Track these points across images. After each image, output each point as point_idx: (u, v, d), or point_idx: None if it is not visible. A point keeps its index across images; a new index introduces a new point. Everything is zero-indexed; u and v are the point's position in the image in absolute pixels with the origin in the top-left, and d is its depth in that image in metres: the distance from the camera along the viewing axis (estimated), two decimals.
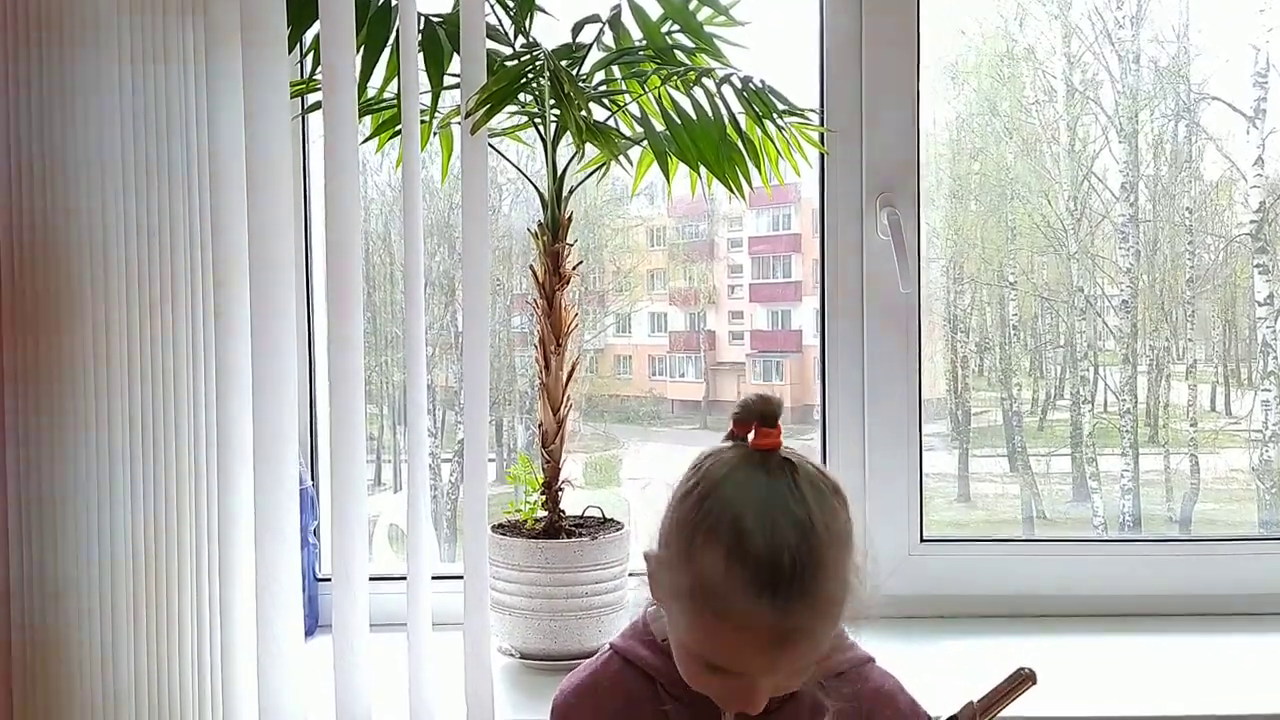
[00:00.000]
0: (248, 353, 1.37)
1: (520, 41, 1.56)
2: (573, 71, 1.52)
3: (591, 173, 1.60)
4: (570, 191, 1.59)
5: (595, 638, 1.53)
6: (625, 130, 1.60)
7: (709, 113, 1.48)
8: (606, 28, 1.55)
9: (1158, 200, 2.00)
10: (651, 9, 1.54)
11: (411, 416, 1.40)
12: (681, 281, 2.10)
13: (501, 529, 1.59)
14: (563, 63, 1.46)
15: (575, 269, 1.59)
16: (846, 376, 1.77)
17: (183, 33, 1.32)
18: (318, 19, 1.38)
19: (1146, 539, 1.92)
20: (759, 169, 1.54)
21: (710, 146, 1.49)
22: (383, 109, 1.57)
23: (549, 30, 1.58)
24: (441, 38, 1.50)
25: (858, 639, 1.09)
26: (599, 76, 1.58)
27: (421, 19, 1.49)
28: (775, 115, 1.51)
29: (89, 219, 1.28)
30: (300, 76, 1.63)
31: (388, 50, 1.48)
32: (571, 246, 1.58)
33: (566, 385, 1.59)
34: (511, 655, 1.58)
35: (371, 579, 1.41)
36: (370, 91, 1.53)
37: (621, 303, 2.11)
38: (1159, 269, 1.99)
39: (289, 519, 1.38)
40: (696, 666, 0.98)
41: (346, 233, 1.38)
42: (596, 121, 1.54)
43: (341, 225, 1.38)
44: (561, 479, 1.59)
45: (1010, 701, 1.06)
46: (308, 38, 1.52)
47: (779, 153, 1.55)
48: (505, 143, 1.65)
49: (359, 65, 1.44)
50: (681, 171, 1.53)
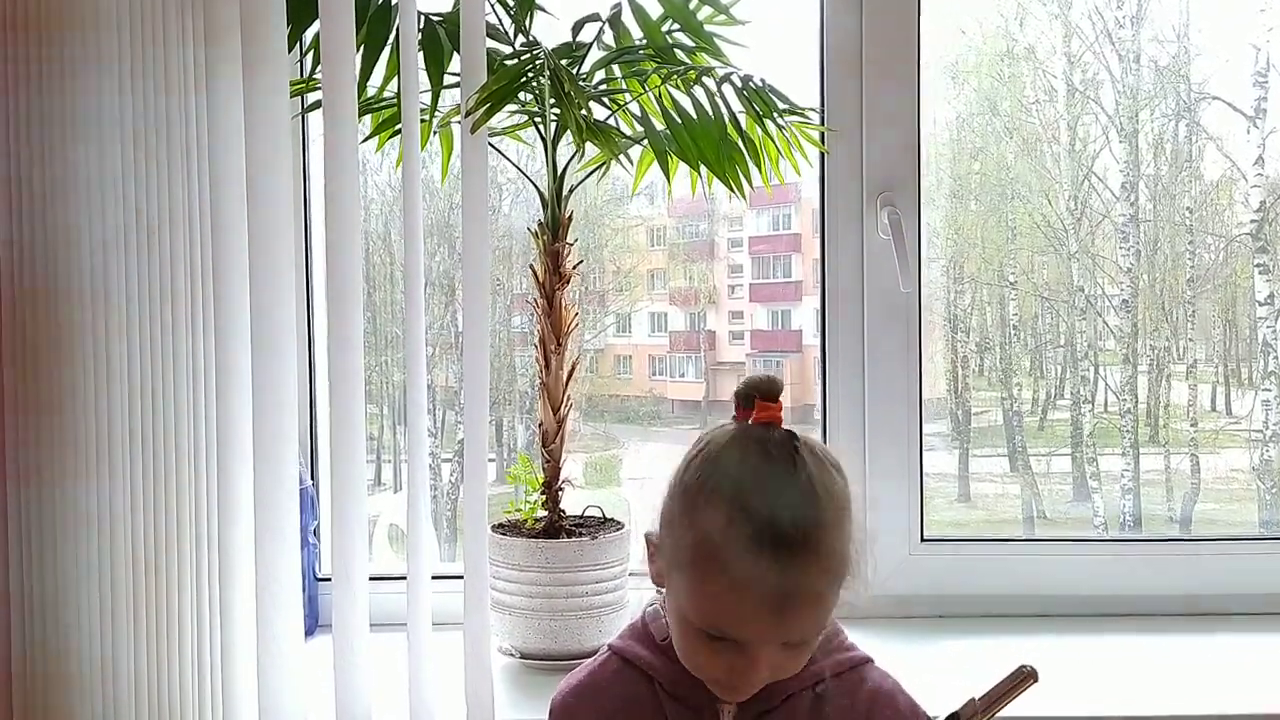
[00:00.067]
0: (248, 353, 1.36)
1: (520, 40, 1.55)
2: (573, 70, 1.52)
3: (591, 172, 1.60)
4: (570, 191, 1.59)
5: (595, 638, 1.53)
6: (625, 129, 1.60)
7: (709, 112, 1.48)
8: (606, 27, 1.55)
9: (1158, 200, 1.99)
10: (652, 8, 1.54)
11: (411, 416, 1.40)
12: (681, 281, 2.10)
13: (501, 529, 1.59)
14: (563, 62, 1.46)
15: (575, 269, 1.59)
16: (846, 376, 1.77)
17: (182, 32, 1.32)
18: (317, 18, 1.38)
19: (1147, 539, 1.92)
20: (759, 168, 1.54)
21: (710, 146, 1.49)
22: (383, 108, 1.57)
23: (549, 29, 1.58)
24: (441, 36, 1.50)
25: (857, 639, 1.09)
26: (599, 75, 1.58)
27: (421, 18, 1.49)
28: (776, 114, 1.51)
29: (89, 218, 1.28)
30: (300, 76, 1.63)
31: (388, 49, 1.48)
32: (571, 246, 1.58)
33: (566, 385, 1.59)
34: (511, 655, 1.58)
35: (371, 579, 1.41)
36: (370, 91, 1.53)
37: (621, 302, 2.11)
38: (1159, 269, 1.99)
39: (289, 519, 1.38)
40: (697, 642, 0.97)
41: (346, 233, 1.38)
42: (597, 120, 1.54)
43: (341, 225, 1.37)
44: (562, 479, 1.59)
45: (1012, 699, 1.06)
46: (308, 37, 1.52)
47: (779, 152, 1.56)
48: (505, 142, 1.65)
49: (359, 64, 1.44)
50: (682, 171, 1.53)
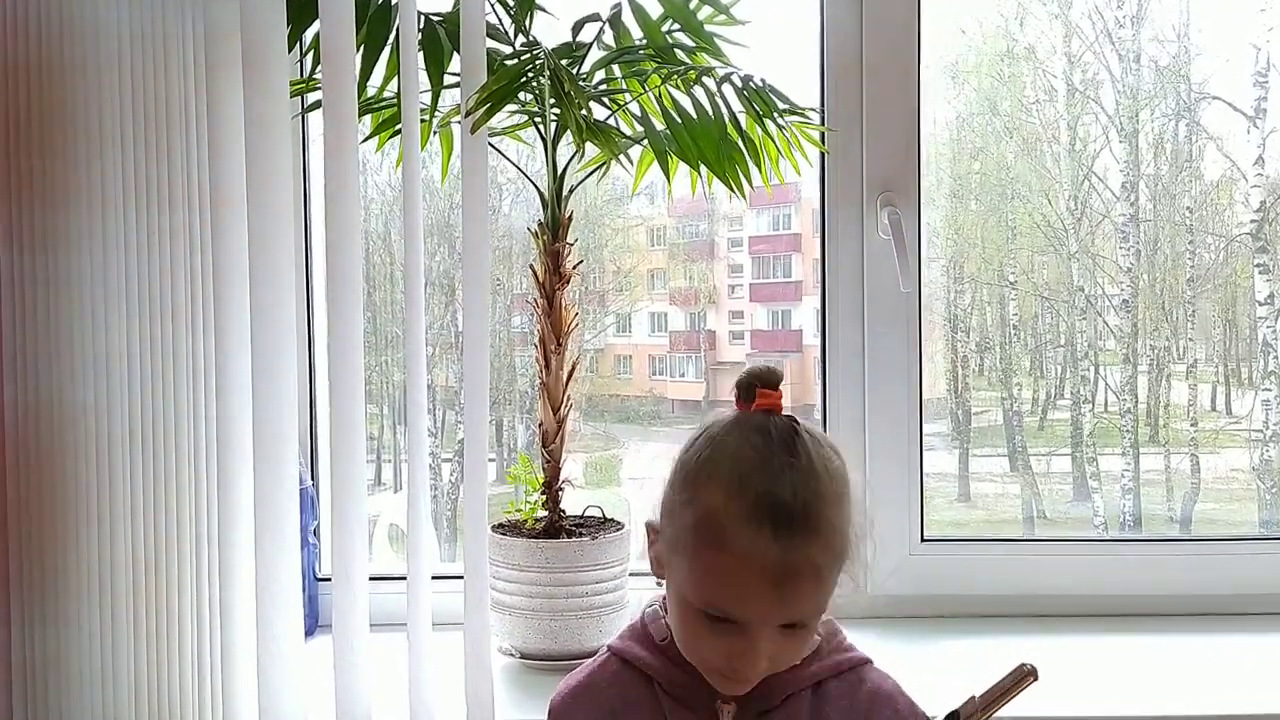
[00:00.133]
0: (248, 352, 1.36)
1: (520, 40, 1.55)
2: (573, 70, 1.52)
3: (591, 172, 1.60)
4: (570, 191, 1.59)
5: (595, 638, 1.53)
6: (625, 129, 1.60)
7: (709, 112, 1.48)
8: (607, 27, 1.55)
9: (1158, 200, 1.99)
10: (652, 8, 1.54)
11: (411, 416, 1.40)
12: (682, 281, 2.10)
13: (501, 529, 1.59)
14: (563, 62, 1.45)
15: (575, 268, 1.59)
16: (846, 376, 1.77)
17: (182, 32, 1.32)
18: (318, 18, 1.38)
19: (1147, 539, 1.92)
20: (759, 168, 1.54)
21: (710, 145, 1.49)
22: (383, 108, 1.57)
23: (549, 29, 1.58)
24: (441, 36, 1.50)
25: (857, 640, 1.09)
26: (599, 75, 1.58)
27: (421, 18, 1.49)
28: (776, 114, 1.51)
29: (88, 218, 1.28)
30: (300, 76, 1.63)
31: (388, 49, 1.48)
32: (572, 246, 1.58)
33: (567, 385, 1.59)
34: (511, 655, 1.58)
35: (371, 579, 1.41)
36: (370, 91, 1.53)
37: (621, 302, 2.11)
38: (1159, 268, 1.99)
39: (289, 519, 1.38)
40: (697, 625, 0.97)
41: (346, 233, 1.38)
42: (597, 120, 1.54)
43: (341, 225, 1.37)
44: (562, 479, 1.59)
45: (1012, 697, 1.06)
46: (308, 37, 1.52)
47: (779, 152, 1.55)
48: (505, 142, 1.65)
49: (359, 64, 1.44)
50: (682, 171, 1.53)
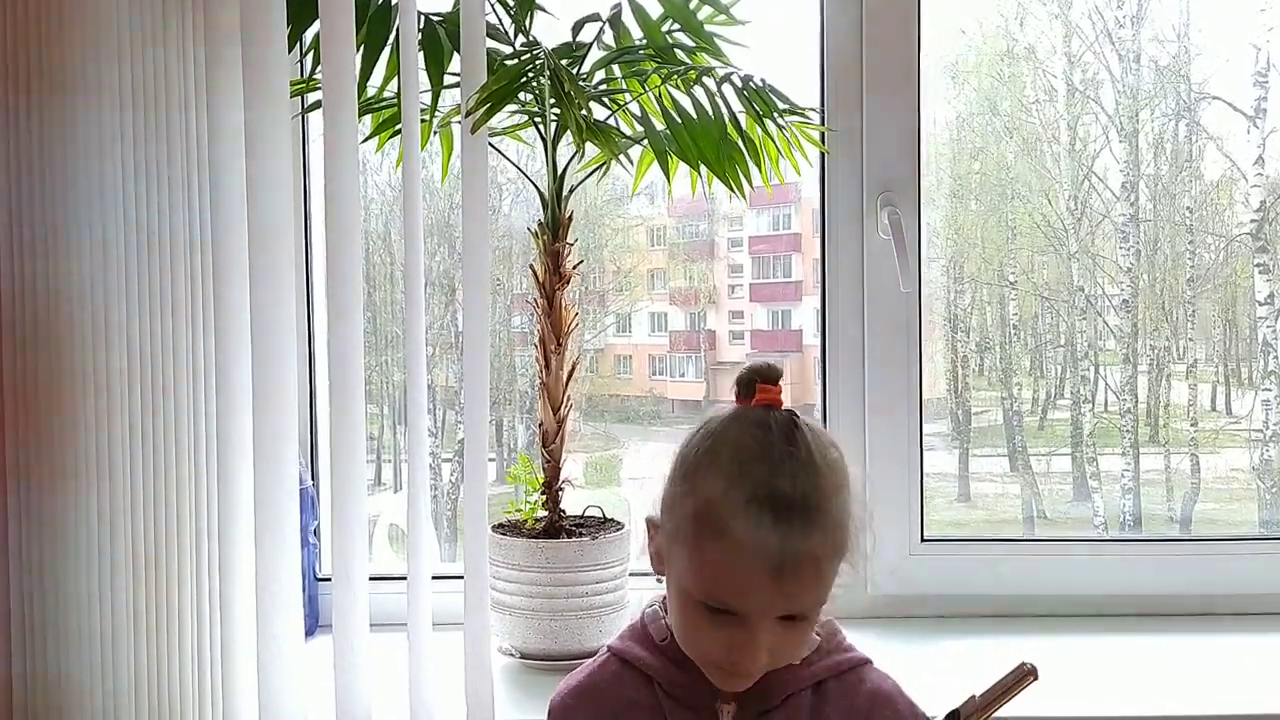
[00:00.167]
0: (248, 352, 1.36)
1: (520, 40, 1.55)
2: (573, 70, 1.52)
3: (592, 172, 1.60)
4: (570, 191, 1.59)
5: (595, 638, 1.53)
6: (625, 129, 1.60)
7: (709, 112, 1.48)
8: (607, 27, 1.55)
9: (1158, 200, 1.99)
10: (652, 8, 1.54)
11: (411, 416, 1.40)
12: (682, 281, 2.10)
13: (502, 529, 1.59)
14: (563, 62, 1.45)
15: (575, 268, 1.59)
16: (846, 376, 1.77)
17: (182, 32, 1.32)
18: (318, 18, 1.38)
19: (1147, 539, 1.92)
20: (759, 168, 1.54)
21: (710, 145, 1.49)
22: (383, 108, 1.57)
23: (549, 29, 1.58)
24: (441, 36, 1.50)
25: (857, 639, 1.09)
26: (599, 75, 1.58)
27: (421, 18, 1.49)
28: (776, 114, 1.51)
29: (89, 218, 1.28)
30: (300, 76, 1.63)
31: (388, 49, 1.48)
32: (572, 246, 1.58)
33: (567, 385, 1.59)
34: (511, 655, 1.58)
35: (371, 579, 1.41)
36: (370, 91, 1.53)
37: (622, 302, 2.11)
38: (1159, 268, 1.99)
39: (289, 519, 1.38)
40: (697, 617, 0.97)
41: (346, 233, 1.38)
42: (597, 120, 1.54)
43: (341, 225, 1.37)
44: (562, 479, 1.59)
45: (1012, 696, 1.05)
46: (308, 37, 1.52)
47: (779, 152, 1.55)
48: (505, 142, 1.65)
49: (359, 64, 1.44)
50: (682, 171, 1.53)
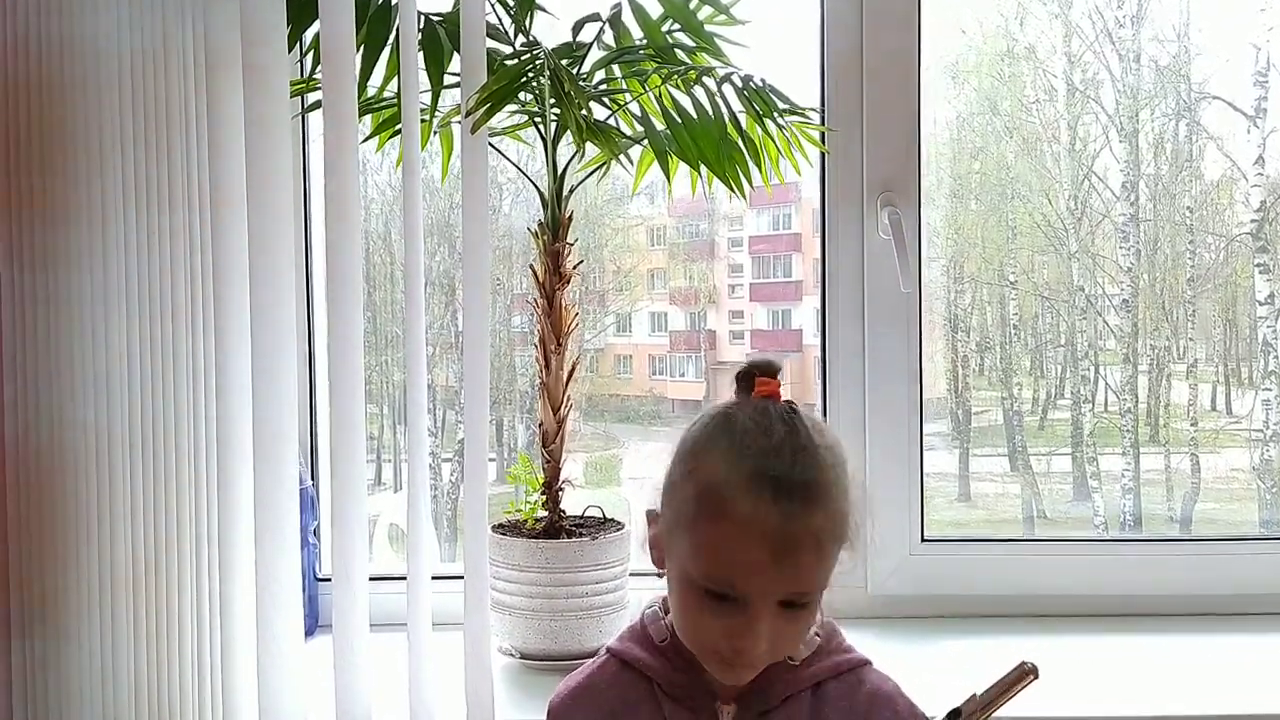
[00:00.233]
0: (248, 352, 1.36)
1: (520, 40, 1.55)
2: (573, 70, 1.52)
3: (592, 172, 1.60)
4: (570, 191, 1.59)
5: (595, 638, 1.53)
6: (626, 129, 1.60)
7: (709, 112, 1.48)
8: (607, 27, 1.55)
9: (1158, 199, 1.99)
10: (652, 8, 1.54)
11: (411, 416, 1.40)
12: (682, 281, 2.10)
13: (502, 529, 1.59)
14: (563, 61, 1.45)
15: (575, 268, 1.59)
16: (846, 376, 1.77)
17: (182, 32, 1.32)
18: (318, 18, 1.38)
19: (1147, 539, 1.92)
20: (759, 168, 1.54)
21: (710, 145, 1.49)
22: (383, 108, 1.57)
23: (549, 29, 1.58)
24: (441, 36, 1.50)
25: (857, 639, 1.09)
26: (599, 75, 1.58)
27: (421, 18, 1.49)
28: (776, 114, 1.51)
29: (89, 218, 1.28)
30: (300, 76, 1.63)
31: (388, 49, 1.48)
32: (572, 246, 1.58)
33: (567, 385, 1.59)
34: (511, 655, 1.58)
35: (371, 579, 1.41)
36: (370, 90, 1.53)
37: (622, 302, 2.11)
38: (1159, 268, 1.99)
39: (289, 519, 1.38)
40: (697, 601, 0.96)
41: (346, 232, 1.38)
42: (597, 120, 1.54)
43: (341, 225, 1.37)
44: (562, 479, 1.59)
45: (1013, 695, 1.05)
46: (308, 37, 1.52)
47: (779, 152, 1.55)
48: (505, 142, 1.65)
49: (359, 64, 1.44)
50: (682, 171, 1.53)
